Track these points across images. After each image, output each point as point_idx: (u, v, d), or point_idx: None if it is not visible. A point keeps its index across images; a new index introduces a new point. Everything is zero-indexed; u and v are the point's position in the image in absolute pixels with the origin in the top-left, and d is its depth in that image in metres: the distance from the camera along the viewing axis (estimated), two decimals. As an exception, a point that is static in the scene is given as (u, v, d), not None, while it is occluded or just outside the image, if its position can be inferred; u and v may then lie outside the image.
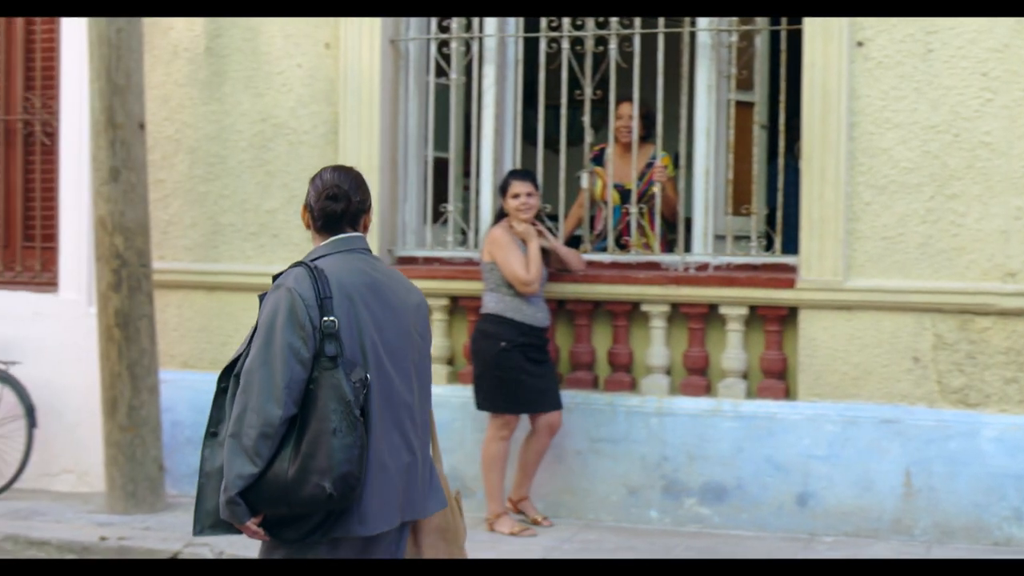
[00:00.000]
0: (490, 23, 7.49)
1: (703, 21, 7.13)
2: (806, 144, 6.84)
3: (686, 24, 7.18)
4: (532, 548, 6.56)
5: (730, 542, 6.66)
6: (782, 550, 6.47)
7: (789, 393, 6.96)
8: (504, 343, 6.76)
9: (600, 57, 7.31)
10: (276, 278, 3.72)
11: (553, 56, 7.38)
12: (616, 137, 7.54)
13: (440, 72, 7.61)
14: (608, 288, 7.17)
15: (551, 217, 7.51)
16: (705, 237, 7.20)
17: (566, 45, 7.33)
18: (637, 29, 7.24)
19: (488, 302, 6.89)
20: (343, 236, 3.80)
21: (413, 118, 7.65)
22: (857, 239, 6.76)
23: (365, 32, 7.46)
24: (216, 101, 7.80)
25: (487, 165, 7.54)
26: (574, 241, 7.64)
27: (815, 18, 6.74)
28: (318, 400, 3.53)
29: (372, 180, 7.29)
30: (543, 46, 7.38)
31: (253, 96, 7.73)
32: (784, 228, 7.11)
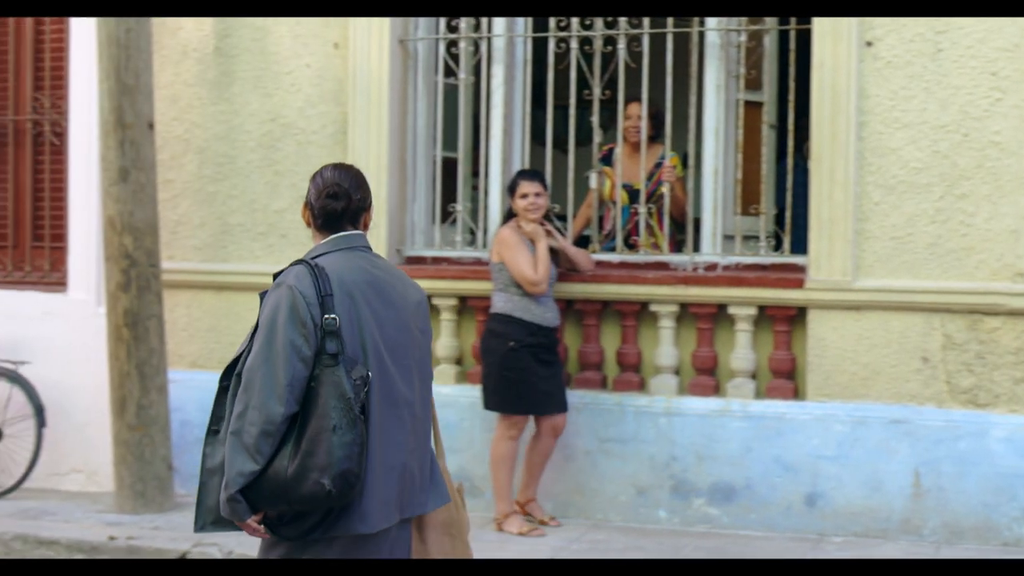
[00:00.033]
0: (499, 23, 7.49)
1: (712, 21, 7.13)
2: (815, 144, 6.83)
3: (695, 24, 7.18)
4: (540, 548, 6.56)
5: (739, 542, 6.66)
6: (791, 550, 6.46)
7: (798, 393, 6.96)
8: (513, 343, 6.76)
9: (609, 57, 7.30)
10: (277, 276, 3.73)
11: (562, 56, 7.38)
12: (625, 137, 7.54)
13: (449, 72, 7.61)
14: (617, 288, 7.17)
15: (560, 217, 7.50)
16: (714, 237, 7.19)
17: (575, 45, 7.33)
18: (646, 29, 7.23)
19: (497, 302, 6.90)
20: (344, 234, 3.80)
21: (422, 118, 7.66)
22: (866, 239, 6.75)
23: (374, 32, 7.47)
24: (225, 101, 7.81)
25: (496, 165, 7.54)
26: (583, 241, 7.63)
27: (824, 18, 6.73)
28: (319, 397, 3.52)
29: (381, 180, 7.34)
30: (552, 46, 7.38)
31: (262, 96, 7.74)
32: (793, 228, 7.11)
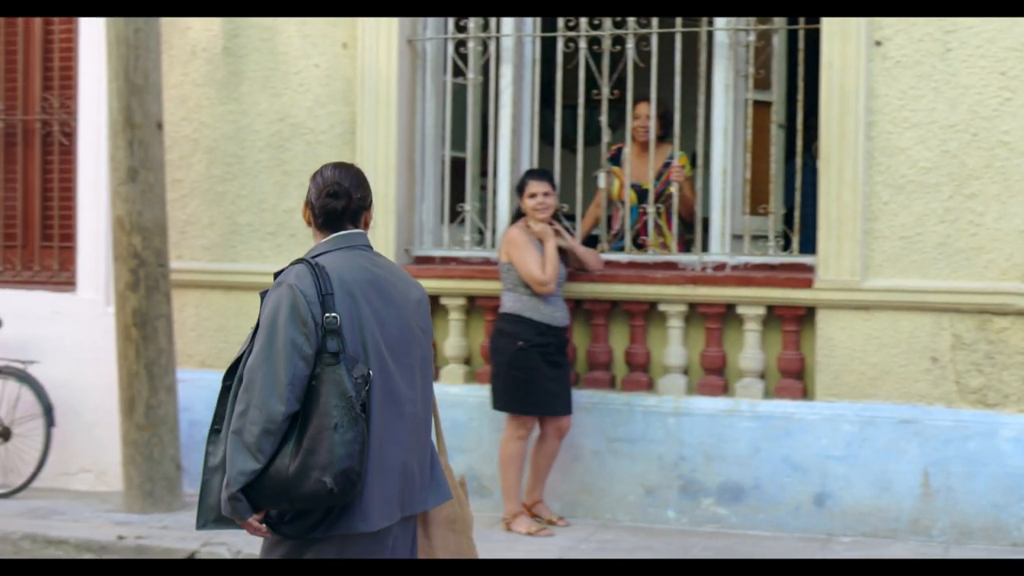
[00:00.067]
0: (507, 23, 7.49)
1: (720, 21, 7.12)
2: (824, 143, 6.82)
3: (703, 24, 7.16)
4: (549, 548, 6.55)
5: (747, 542, 6.65)
6: (799, 550, 6.46)
7: (807, 393, 6.95)
8: (521, 342, 6.76)
9: (617, 57, 7.30)
10: (277, 275, 3.73)
11: (570, 56, 7.37)
12: (633, 137, 7.53)
13: (457, 72, 7.61)
14: (625, 288, 7.16)
15: (568, 217, 7.50)
16: (722, 237, 7.18)
17: (583, 45, 7.33)
18: (655, 29, 7.23)
19: (506, 302, 6.89)
20: (344, 233, 3.80)
21: (430, 118, 7.66)
22: (875, 239, 6.74)
23: (383, 32, 7.47)
24: (234, 101, 7.82)
25: (504, 165, 7.54)
26: (591, 241, 7.63)
27: (833, 18, 6.72)
28: (320, 396, 3.52)
29: (389, 179, 7.35)
30: (560, 46, 7.38)
31: (271, 96, 7.75)
32: (802, 228, 7.10)
